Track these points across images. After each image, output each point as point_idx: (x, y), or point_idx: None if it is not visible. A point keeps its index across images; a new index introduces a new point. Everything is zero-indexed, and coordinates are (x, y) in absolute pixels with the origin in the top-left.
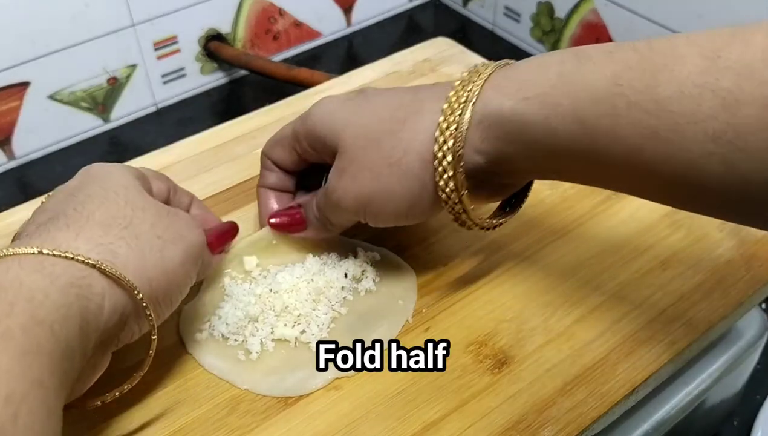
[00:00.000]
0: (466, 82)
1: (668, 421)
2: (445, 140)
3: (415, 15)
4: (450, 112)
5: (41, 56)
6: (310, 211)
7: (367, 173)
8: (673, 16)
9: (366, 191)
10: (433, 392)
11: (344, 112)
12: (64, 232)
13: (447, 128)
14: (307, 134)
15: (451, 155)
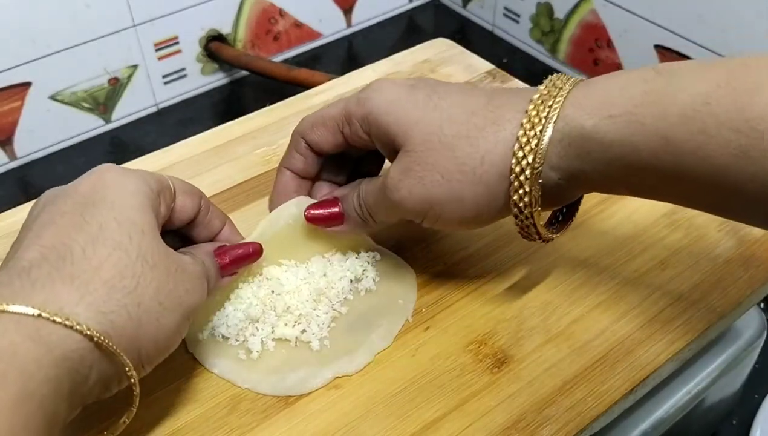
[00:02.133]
0: (545, 97)
1: (667, 420)
2: (525, 156)
3: (415, 16)
4: (530, 127)
5: (42, 57)
6: (350, 206)
7: (437, 177)
8: (672, 16)
9: (433, 195)
10: (432, 391)
11: (412, 105)
12: (68, 287)
13: (527, 143)
14: (364, 118)
15: (529, 171)
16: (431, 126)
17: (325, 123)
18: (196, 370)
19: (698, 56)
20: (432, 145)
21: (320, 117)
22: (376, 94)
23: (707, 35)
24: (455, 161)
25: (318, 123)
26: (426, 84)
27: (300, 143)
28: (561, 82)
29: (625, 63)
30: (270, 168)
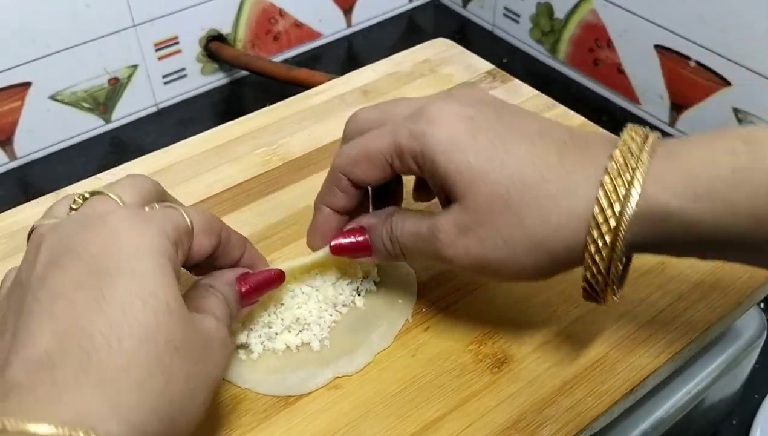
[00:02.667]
0: (622, 168)
1: (667, 420)
2: (602, 234)
3: (415, 16)
4: (608, 205)
5: (42, 57)
6: (379, 240)
7: (499, 241)
8: (672, 16)
9: (493, 258)
10: (432, 391)
11: (474, 154)
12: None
13: (604, 222)
14: (418, 155)
15: (605, 251)
16: (498, 186)
17: (371, 158)
18: None
19: (698, 56)
20: (498, 208)
21: (364, 151)
22: (433, 129)
23: (707, 35)
24: (522, 230)
25: (362, 159)
26: (487, 120)
27: (341, 181)
28: (636, 145)
29: (625, 63)
30: (270, 168)
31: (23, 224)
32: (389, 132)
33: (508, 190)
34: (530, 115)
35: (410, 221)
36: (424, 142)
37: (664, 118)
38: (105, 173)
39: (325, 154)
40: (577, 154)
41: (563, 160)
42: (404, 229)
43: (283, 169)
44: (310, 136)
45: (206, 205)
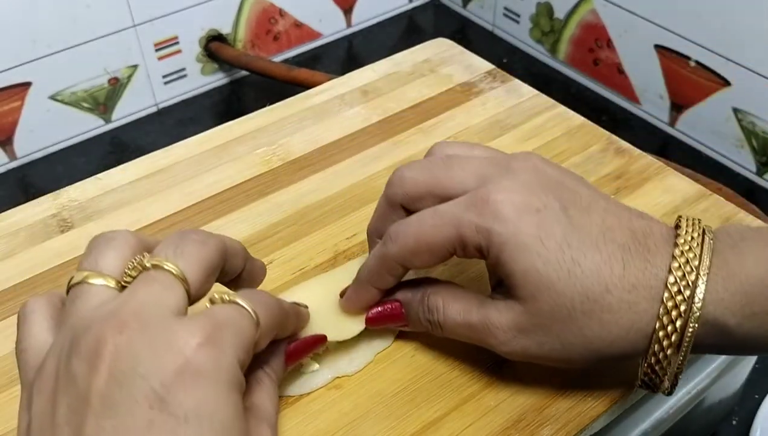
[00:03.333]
0: (682, 285)
1: (667, 420)
2: (662, 348)
3: (415, 16)
4: (668, 322)
5: (42, 57)
6: (415, 316)
7: (557, 346)
8: (672, 16)
9: (548, 358)
10: (433, 391)
11: (543, 261)
12: None
13: (665, 337)
14: (483, 249)
15: (664, 362)
16: (563, 298)
17: (432, 250)
18: None
19: (698, 56)
20: (560, 317)
21: (425, 244)
22: (500, 227)
23: (707, 35)
24: (582, 339)
25: (423, 250)
26: (554, 216)
27: (397, 270)
28: (694, 254)
29: (625, 63)
30: (270, 168)
31: (23, 224)
32: (451, 224)
33: (572, 302)
34: (594, 206)
35: (456, 308)
36: (490, 239)
37: (664, 118)
38: (105, 173)
39: (325, 154)
40: (639, 262)
41: (627, 269)
42: (449, 315)
43: (283, 169)
44: (310, 136)
45: (206, 205)
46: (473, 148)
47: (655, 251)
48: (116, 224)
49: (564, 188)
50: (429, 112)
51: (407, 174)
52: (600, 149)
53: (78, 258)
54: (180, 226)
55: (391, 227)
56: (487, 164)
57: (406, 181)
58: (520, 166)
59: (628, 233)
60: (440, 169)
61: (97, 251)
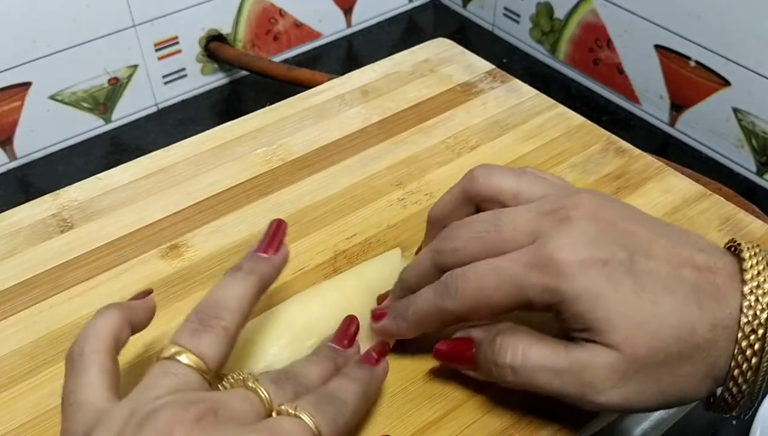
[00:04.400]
0: (754, 325)
1: (667, 420)
2: (738, 385)
3: (414, 16)
4: (743, 361)
5: (42, 57)
6: (483, 358)
7: (656, 391)
8: (672, 16)
9: (647, 406)
10: (433, 391)
11: (623, 302)
12: None
13: (740, 375)
14: (553, 307)
15: (739, 396)
16: (658, 340)
17: (493, 309)
18: None
19: (698, 56)
20: (659, 360)
21: (485, 302)
22: (567, 284)
23: (707, 35)
24: (679, 379)
25: (483, 309)
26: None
27: (451, 321)
28: (763, 291)
29: (625, 63)
30: (270, 168)
31: (23, 224)
32: (513, 284)
33: (667, 343)
34: (656, 247)
35: (538, 350)
36: (561, 298)
37: (664, 118)
38: (105, 173)
39: (325, 154)
40: (712, 302)
41: (703, 309)
42: (530, 358)
43: (283, 169)
44: (310, 136)
45: (206, 205)
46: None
47: (725, 289)
48: (116, 224)
49: (625, 233)
50: (429, 112)
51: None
52: (600, 149)
53: (78, 258)
54: (180, 226)
55: (449, 279)
56: (540, 218)
57: (458, 253)
58: (578, 214)
59: (695, 272)
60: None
61: (195, 331)
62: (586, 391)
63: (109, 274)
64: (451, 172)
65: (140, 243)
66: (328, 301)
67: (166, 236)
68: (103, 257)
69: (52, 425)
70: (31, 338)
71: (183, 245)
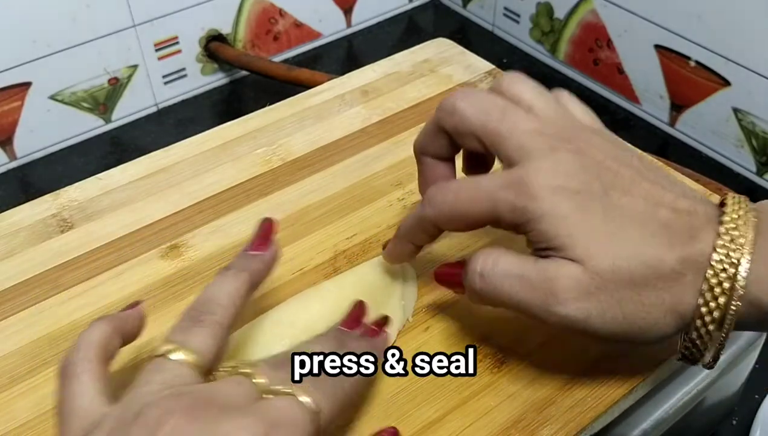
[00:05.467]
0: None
1: (667, 420)
2: (705, 324)
3: (414, 16)
4: (711, 298)
5: (42, 57)
6: (471, 274)
7: (619, 316)
8: (672, 16)
9: (607, 332)
10: (433, 391)
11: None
12: None
13: (708, 313)
14: (520, 227)
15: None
16: (621, 259)
17: (466, 220)
18: None
19: (698, 56)
20: (622, 280)
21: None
22: (536, 204)
23: (707, 35)
24: (642, 308)
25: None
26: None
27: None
28: (739, 233)
29: (625, 63)
30: (270, 168)
31: (23, 224)
32: (487, 199)
33: (630, 265)
34: (636, 187)
35: (509, 259)
36: (527, 217)
37: (664, 118)
38: (105, 173)
39: (325, 154)
40: (684, 238)
41: (672, 243)
42: (500, 266)
43: (283, 169)
44: (310, 136)
45: (206, 205)
46: (539, 98)
47: (700, 228)
48: (116, 224)
49: (608, 171)
50: (429, 112)
51: (459, 105)
52: None
53: (78, 258)
54: (180, 226)
55: (431, 190)
56: (537, 136)
57: (456, 114)
58: (566, 147)
59: (672, 213)
60: (493, 118)
61: (187, 327)
62: (549, 301)
63: (109, 274)
64: None
65: (140, 243)
66: (328, 301)
67: (166, 236)
68: (103, 257)
69: (52, 425)
70: (31, 338)
71: (183, 245)
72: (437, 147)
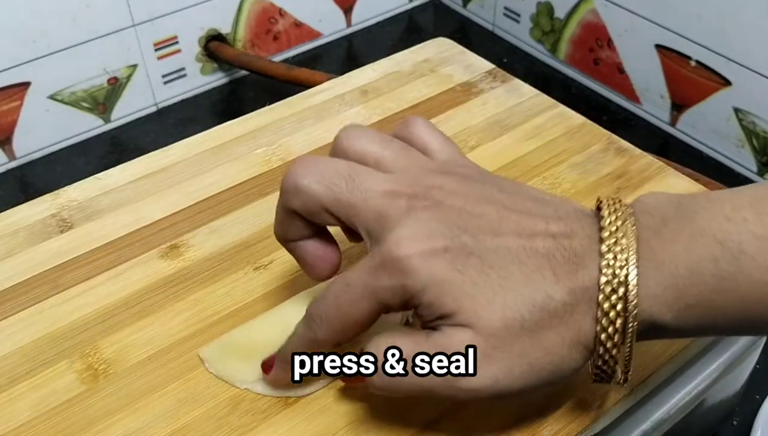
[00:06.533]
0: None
1: (668, 421)
2: (606, 351)
3: (415, 15)
4: (608, 324)
5: (42, 56)
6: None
7: (526, 367)
8: (672, 16)
9: (521, 385)
10: None
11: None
12: None
13: (608, 339)
14: (408, 304)
15: (611, 361)
16: (509, 309)
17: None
18: (197, 369)
19: (699, 56)
20: (515, 330)
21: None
22: (413, 279)
23: (707, 35)
24: (546, 352)
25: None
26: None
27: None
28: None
29: (625, 63)
30: (270, 168)
31: (23, 224)
32: (367, 296)
33: (520, 311)
34: (505, 224)
35: (402, 346)
36: (411, 292)
37: (665, 118)
38: (105, 173)
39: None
40: (569, 266)
41: (558, 275)
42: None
43: (283, 169)
44: (310, 136)
45: (206, 205)
46: (384, 148)
47: (583, 252)
48: (116, 224)
49: (471, 217)
50: (429, 112)
51: (302, 182)
52: (600, 149)
53: (78, 258)
54: (180, 226)
55: (311, 309)
56: (392, 199)
57: (300, 193)
58: (422, 204)
59: (550, 240)
60: (342, 189)
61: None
62: (455, 382)
63: (109, 274)
64: None
65: (140, 243)
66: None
67: (166, 236)
68: (103, 257)
69: (52, 425)
70: (31, 338)
71: (183, 245)
72: (297, 230)
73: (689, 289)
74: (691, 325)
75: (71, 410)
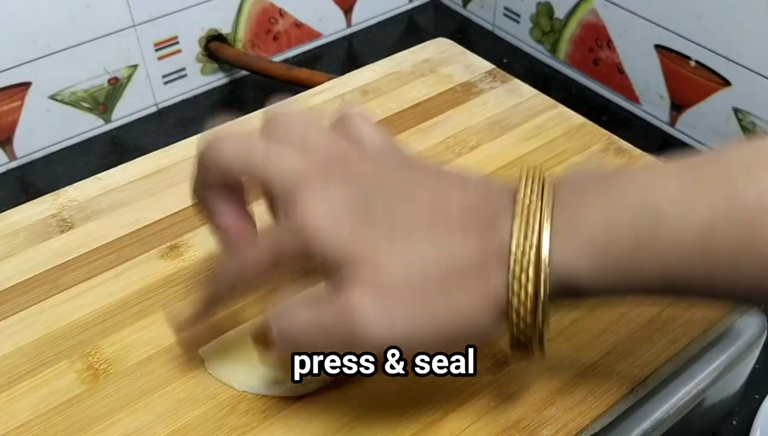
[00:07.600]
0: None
1: (667, 420)
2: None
3: (415, 15)
4: (519, 288)
5: (42, 56)
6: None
7: (426, 317)
8: (672, 16)
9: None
10: (433, 391)
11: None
12: None
13: (521, 304)
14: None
15: (528, 329)
16: (413, 267)
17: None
18: (196, 369)
19: (698, 56)
20: (416, 284)
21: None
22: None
23: (707, 35)
24: (450, 307)
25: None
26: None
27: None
28: (535, 207)
29: (625, 63)
30: None
31: (23, 224)
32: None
33: (424, 265)
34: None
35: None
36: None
37: (665, 118)
38: (105, 173)
39: None
40: (481, 230)
41: (468, 236)
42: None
43: None
44: None
45: None
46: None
47: (496, 215)
48: (116, 224)
49: (382, 191)
50: (429, 112)
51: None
52: (600, 149)
53: (78, 258)
54: (180, 226)
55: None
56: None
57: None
58: (337, 177)
59: (463, 212)
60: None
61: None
62: (350, 333)
63: (109, 274)
64: None
65: (140, 243)
66: None
67: (166, 236)
68: (103, 257)
69: (52, 425)
70: (31, 338)
71: (183, 245)
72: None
73: (607, 251)
74: (608, 287)
75: (71, 410)
